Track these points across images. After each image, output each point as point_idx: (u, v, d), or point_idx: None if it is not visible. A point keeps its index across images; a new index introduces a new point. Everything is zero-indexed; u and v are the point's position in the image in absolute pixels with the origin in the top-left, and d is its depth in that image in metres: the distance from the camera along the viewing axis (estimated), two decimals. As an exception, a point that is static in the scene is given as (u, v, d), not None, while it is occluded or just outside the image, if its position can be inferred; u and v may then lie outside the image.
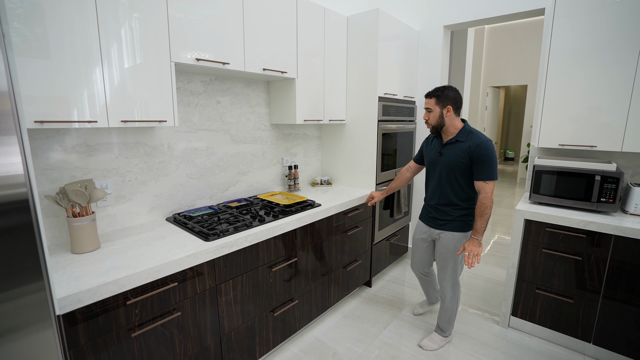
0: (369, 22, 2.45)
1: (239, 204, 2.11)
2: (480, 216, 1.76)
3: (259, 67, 1.94)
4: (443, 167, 1.87)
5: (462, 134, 1.82)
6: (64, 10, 1.19)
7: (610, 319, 1.93)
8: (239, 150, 2.26)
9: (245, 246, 1.65)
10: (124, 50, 1.36)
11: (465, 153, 1.77)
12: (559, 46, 2.10)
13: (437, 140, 1.94)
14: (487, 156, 1.72)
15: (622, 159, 2.23)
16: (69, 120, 1.24)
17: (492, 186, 1.74)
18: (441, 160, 1.87)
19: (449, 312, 2.05)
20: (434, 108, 1.82)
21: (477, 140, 1.75)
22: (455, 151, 1.81)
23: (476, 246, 1.78)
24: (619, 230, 1.83)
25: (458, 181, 1.84)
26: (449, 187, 1.87)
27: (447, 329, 2.10)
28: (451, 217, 1.91)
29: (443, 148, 1.88)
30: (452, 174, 1.84)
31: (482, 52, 7.47)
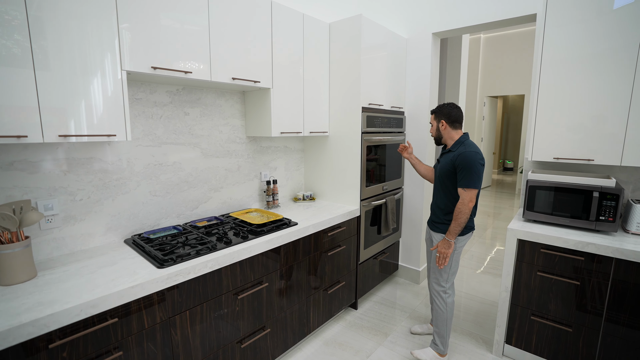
0: (351, 29, 2.33)
1: (208, 223, 1.96)
2: (455, 219, 1.86)
3: (228, 77, 1.81)
4: (438, 174, 2.03)
5: (455, 144, 1.96)
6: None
7: (613, 352, 1.75)
8: (211, 165, 2.12)
9: (204, 272, 1.49)
10: (60, 55, 1.23)
11: (452, 161, 1.91)
12: (551, 56, 1.98)
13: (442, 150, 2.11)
14: (466, 165, 1.82)
15: (621, 173, 2.07)
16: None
17: (470, 194, 1.82)
18: (438, 167, 2.05)
19: (438, 321, 2.03)
20: (433, 122, 2.05)
21: (463, 150, 1.87)
22: (447, 159, 1.96)
23: (446, 247, 1.91)
24: (620, 252, 1.66)
25: (448, 187, 1.96)
26: (441, 192, 2.01)
27: (441, 343, 2.03)
28: (442, 220, 2.01)
29: (441, 157, 2.05)
30: (443, 180, 1.98)
31: (478, 62, 7.38)
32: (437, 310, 2.03)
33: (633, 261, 1.64)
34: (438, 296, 2.02)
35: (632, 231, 1.84)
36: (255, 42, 1.93)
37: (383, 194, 2.70)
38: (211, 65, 1.72)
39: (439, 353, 2.03)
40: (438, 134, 2.02)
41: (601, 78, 1.85)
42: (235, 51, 1.83)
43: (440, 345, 2.03)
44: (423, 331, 2.32)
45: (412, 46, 2.83)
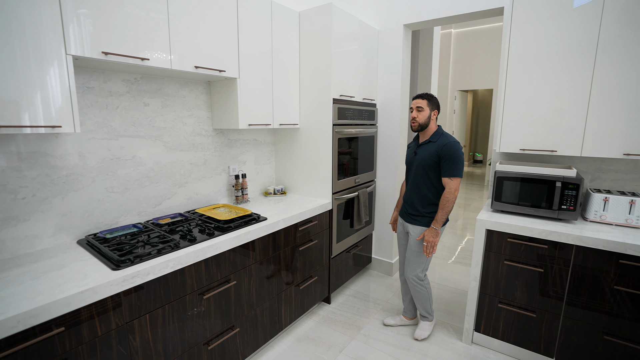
0: (322, 18, 2.27)
1: (171, 220, 1.85)
2: (442, 208, 1.93)
3: (190, 65, 1.70)
4: (417, 165, 2.03)
5: (435, 135, 2.00)
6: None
7: (573, 334, 1.83)
8: (175, 159, 2.01)
9: (166, 273, 1.40)
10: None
11: (435, 152, 1.94)
12: (517, 51, 2.02)
13: (414, 142, 2.14)
14: (453, 155, 1.89)
15: (581, 164, 2.15)
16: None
17: (456, 183, 1.90)
18: (416, 159, 2.05)
19: (421, 300, 2.18)
20: (426, 108, 1.98)
21: (446, 140, 1.94)
22: (428, 150, 1.98)
23: (433, 236, 1.97)
24: (579, 240, 1.72)
25: (430, 177, 1.99)
26: (422, 184, 2.02)
27: (428, 314, 2.23)
28: (421, 214, 2.04)
29: (418, 148, 2.05)
30: (424, 171, 2.00)
31: (449, 57, 7.52)
32: (420, 293, 2.16)
33: (591, 247, 1.71)
34: (418, 284, 2.13)
35: (591, 219, 1.92)
36: (220, 29, 1.83)
37: (355, 186, 2.68)
38: (171, 52, 1.61)
39: (429, 321, 2.24)
40: (427, 122, 2.00)
41: (563, 74, 1.90)
42: (198, 38, 1.72)
43: (428, 315, 2.23)
44: (396, 323, 2.33)
45: (383, 37, 2.81)
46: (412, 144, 2.15)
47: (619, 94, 1.78)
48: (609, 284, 1.70)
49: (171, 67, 1.61)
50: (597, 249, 1.69)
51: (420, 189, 2.03)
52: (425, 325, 2.23)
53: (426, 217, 2.03)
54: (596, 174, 2.12)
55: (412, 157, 2.08)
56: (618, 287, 1.68)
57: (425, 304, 2.18)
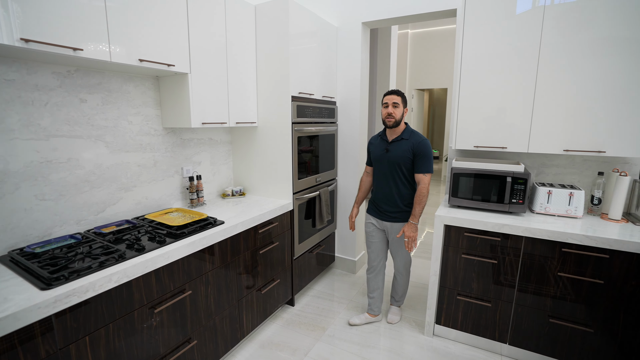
0: (278, 12, 2.19)
1: (117, 229, 1.68)
2: (418, 203, 2.01)
3: (133, 58, 1.55)
4: (390, 162, 2.06)
5: (406, 132, 2.06)
6: None
7: (523, 319, 1.94)
8: (119, 161, 1.83)
9: (109, 288, 1.26)
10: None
11: (410, 149, 2.01)
12: (469, 53, 2.09)
13: (382, 139, 2.14)
14: (426, 152, 1.99)
15: (528, 159, 2.29)
16: None
17: (429, 178, 2.02)
18: (388, 156, 2.07)
19: (403, 287, 2.36)
20: (401, 105, 2.02)
21: (419, 138, 2.02)
22: (402, 147, 2.03)
23: (413, 231, 2.04)
24: (528, 231, 1.82)
25: (405, 175, 2.05)
26: (398, 181, 2.07)
27: (402, 300, 2.41)
28: (399, 209, 2.10)
29: (390, 145, 2.08)
30: (398, 167, 2.05)
31: (406, 56, 7.74)
32: (404, 283, 2.34)
33: (538, 238, 1.81)
34: (405, 274, 2.30)
35: (537, 211, 2.04)
36: (168, 20, 1.69)
37: (316, 185, 2.64)
38: (111, 43, 1.45)
39: (399, 306, 2.44)
40: (401, 118, 2.04)
41: (511, 75, 2.00)
42: (143, 29, 1.57)
43: (402, 300, 2.41)
44: (361, 322, 2.33)
45: (342, 35, 2.79)
46: (378, 140, 2.15)
47: (558, 95, 1.91)
48: (553, 271, 1.82)
49: (111, 60, 1.45)
50: (543, 239, 1.80)
51: (398, 187, 2.07)
52: (397, 310, 2.41)
53: (404, 212, 2.10)
54: (540, 168, 2.26)
55: (383, 154, 2.09)
56: (561, 273, 1.80)
57: (406, 291, 2.39)
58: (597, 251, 1.70)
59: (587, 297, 1.77)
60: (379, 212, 2.17)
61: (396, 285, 2.37)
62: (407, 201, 2.09)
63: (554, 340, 1.87)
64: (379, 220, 2.19)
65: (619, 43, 1.75)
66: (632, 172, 2.04)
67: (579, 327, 1.80)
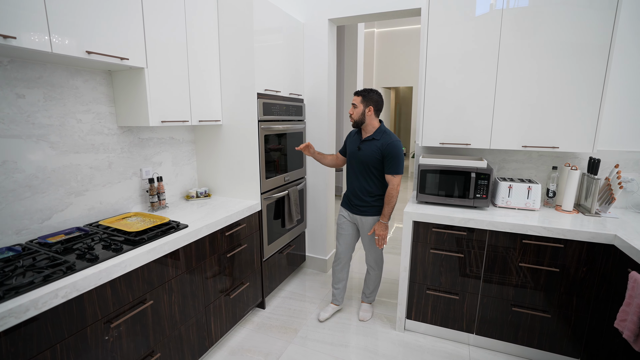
0: (242, 6, 2.10)
1: (66, 237, 1.54)
2: (387, 204, 2.06)
3: (80, 50, 1.40)
4: (361, 161, 2.09)
5: (377, 132, 2.06)
6: None
7: (488, 309, 2.01)
8: (68, 163, 1.67)
9: (55, 305, 1.14)
10: None
11: (379, 150, 2.02)
12: (434, 51, 2.13)
13: (358, 135, 2.16)
14: (395, 154, 2.00)
15: (490, 155, 2.38)
16: None
17: (399, 179, 2.04)
18: (359, 154, 2.10)
19: (375, 282, 2.37)
20: (359, 105, 2.03)
21: (389, 139, 2.02)
22: (371, 147, 2.05)
23: (383, 229, 2.09)
24: (491, 225, 1.89)
25: (373, 173, 2.08)
26: (367, 178, 2.10)
27: (373, 297, 2.43)
28: (369, 204, 2.13)
29: (362, 144, 2.10)
30: (368, 167, 2.08)
31: (373, 55, 7.84)
32: (378, 278, 2.36)
33: (500, 231, 1.89)
34: (377, 269, 2.32)
35: (499, 205, 2.12)
36: (120, 8, 1.55)
37: (285, 185, 2.58)
38: (51, 31, 1.30)
39: (370, 303, 2.45)
40: (362, 118, 2.04)
41: (474, 75, 2.06)
42: (90, 18, 1.43)
43: (372, 296, 2.43)
44: (329, 314, 2.38)
45: (309, 31, 2.74)
46: (356, 136, 2.17)
47: (516, 94, 1.99)
48: (514, 262, 1.90)
49: (52, 51, 1.31)
50: (505, 231, 1.87)
51: (368, 184, 2.11)
52: (368, 307, 2.43)
53: (374, 206, 2.13)
54: (501, 164, 2.36)
55: (356, 152, 2.12)
56: (522, 264, 1.88)
57: (376, 286, 2.39)
58: (553, 241, 1.80)
59: (545, 285, 1.86)
60: (351, 205, 2.21)
61: (368, 280, 2.38)
62: (376, 197, 2.12)
63: (516, 327, 1.96)
64: (350, 213, 2.23)
65: (565, 47, 1.86)
66: (582, 166, 2.18)
67: (538, 313, 1.89)
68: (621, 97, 2.07)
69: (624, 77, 2.04)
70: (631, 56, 2.01)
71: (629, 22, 1.98)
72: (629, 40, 2.00)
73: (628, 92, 2.05)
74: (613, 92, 2.05)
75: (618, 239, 1.63)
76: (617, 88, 2.06)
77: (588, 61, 1.83)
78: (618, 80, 2.05)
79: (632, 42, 2.00)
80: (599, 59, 1.81)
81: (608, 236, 1.68)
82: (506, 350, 2.04)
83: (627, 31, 1.99)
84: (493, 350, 2.07)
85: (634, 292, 1.41)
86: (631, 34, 1.99)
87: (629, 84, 2.04)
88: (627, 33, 1.99)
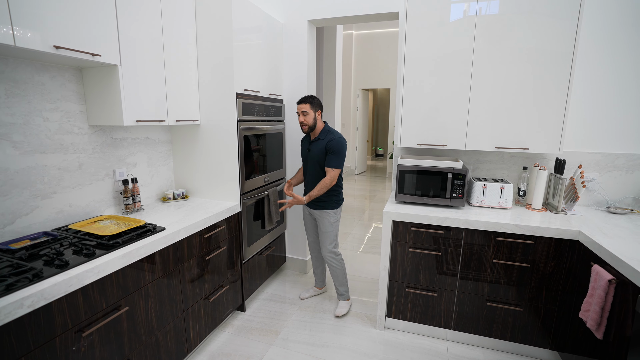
0: (221, 4, 2.06)
1: (32, 243, 1.45)
2: (318, 188, 2.18)
3: (47, 44, 1.33)
4: (312, 161, 2.26)
5: (323, 133, 2.24)
6: None
7: (465, 305, 2.08)
8: (33, 164, 1.58)
9: (21, 315, 1.07)
10: None
11: (324, 147, 2.19)
12: (411, 55, 2.17)
13: (307, 139, 2.34)
14: (336, 149, 2.16)
15: (465, 156, 2.46)
16: None
17: (336, 173, 2.19)
18: (310, 155, 2.27)
19: (338, 276, 2.42)
20: (310, 112, 2.18)
21: (332, 137, 2.20)
22: (319, 146, 2.22)
23: (297, 202, 2.22)
24: (467, 223, 1.95)
25: (323, 170, 2.23)
26: (318, 175, 2.26)
27: (345, 293, 2.47)
28: (324, 200, 2.29)
29: (311, 145, 2.27)
30: (318, 166, 2.24)
31: (351, 57, 7.93)
32: (336, 270, 2.41)
33: (476, 229, 1.95)
34: (334, 259, 2.38)
35: (474, 204, 2.20)
36: (91, 1, 1.48)
37: (265, 186, 2.56)
38: (14, 24, 1.22)
39: (346, 299, 2.49)
40: (314, 122, 2.20)
41: (449, 77, 2.12)
42: (59, 10, 1.36)
43: (345, 293, 2.48)
44: (310, 294, 2.65)
45: (288, 32, 2.74)
46: (306, 141, 2.35)
47: (489, 97, 2.07)
48: (489, 258, 1.97)
49: (15, 45, 1.23)
50: (480, 229, 1.94)
51: (318, 181, 2.26)
52: (343, 303, 2.47)
53: (328, 201, 2.30)
54: (476, 164, 2.45)
55: (307, 154, 2.30)
56: (496, 260, 1.96)
57: (342, 279, 2.44)
58: (524, 238, 1.88)
59: (517, 280, 1.95)
60: (310, 202, 2.36)
61: (332, 274, 2.45)
62: (329, 193, 2.28)
63: (491, 322, 2.04)
64: (310, 208, 2.41)
65: (532, 53, 1.95)
66: (549, 166, 2.30)
67: (511, 307, 1.98)
68: (584, 102, 2.20)
69: (586, 84, 2.17)
70: (591, 64, 2.14)
71: (589, 32, 2.11)
72: (589, 49, 2.13)
73: (590, 97, 2.18)
74: (576, 97, 2.18)
75: (582, 234, 1.73)
76: (580, 94, 2.19)
77: (553, 67, 1.94)
78: (581, 86, 2.17)
79: (592, 51, 2.13)
80: (563, 65, 1.92)
81: (573, 232, 1.78)
82: (482, 344, 2.12)
83: (588, 40, 2.12)
84: (470, 344, 2.14)
85: (595, 284, 1.50)
86: (591, 44, 2.12)
87: (591, 90, 2.17)
88: (588, 42, 2.12)
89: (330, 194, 2.29)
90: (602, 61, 2.13)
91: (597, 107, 2.19)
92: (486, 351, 2.08)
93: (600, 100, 2.18)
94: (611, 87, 2.14)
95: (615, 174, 2.20)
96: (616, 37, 2.08)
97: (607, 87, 2.15)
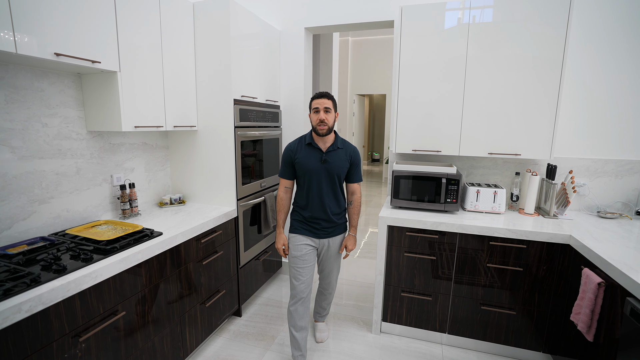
0: (219, 12, 2.10)
1: (29, 248, 1.45)
2: (358, 213, 1.99)
3: (48, 51, 1.35)
4: (328, 174, 1.83)
5: (339, 141, 1.88)
6: None
7: (459, 309, 2.10)
8: (32, 169, 1.59)
9: (18, 320, 1.08)
10: None
11: (347, 158, 1.88)
12: (406, 61, 2.22)
13: (311, 148, 1.84)
14: (359, 161, 1.94)
15: (459, 162, 2.50)
16: None
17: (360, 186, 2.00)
18: (327, 167, 1.82)
19: (330, 302, 2.24)
20: (332, 110, 1.79)
21: (352, 146, 1.93)
22: (340, 157, 1.85)
23: (354, 243, 1.98)
24: (461, 228, 1.98)
25: (339, 185, 1.90)
26: (336, 193, 1.90)
27: (327, 315, 2.31)
28: (335, 224, 1.93)
29: (327, 155, 1.83)
30: (336, 179, 1.85)
31: (347, 63, 8.00)
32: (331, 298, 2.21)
33: (470, 233, 1.98)
34: (334, 289, 2.17)
35: (468, 209, 2.24)
36: (91, 9, 1.51)
37: (261, 191, 2.58)
38: (16, 31, 1.24)
39: (324, 321, 2.33)
40: (334, 124, 1.82)
41: (443, 84, 2.17)
42: (60, 18, 1.38)
43: (327, 315, 2.32)
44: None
45: (285, 39, 2.78)
46: (306, 149, 1.84)
47: (482, 104, 2.12)
48: (483, 263, 2.00)
49: (16, 52, 1.25)
50: (474, 234, 1.97)
51: (337, 199, 1.89)
52: (324, 326, 2.29)
53: (340, 225, 1.95)
54: (470, 170, 2.49)
55: (319, 166, 1.81)
56: (489, 264, 1.99)
57: (330, 304, 2.26)
58: (517, 242, 1.92)
59: (510, 284, 1.98)
60: (316, 229, 1.89)
61: (324, 303, 2.20)
62: (342, 212, 1.95)
63: (485, 325, 2.06)
64: (316, 239, 1.91)
65: (524, 60, 2.01)
66: (541, 172, 2.34)
67: (505, 310, 2.00)
68: (573, 109, 2.25)
69: (576, 91, 2.23)
70: (580, 72, 2.20)
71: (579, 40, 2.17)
72: (579, 57, 2.19)
73: (580, 104, 2.24)
74: (566, 104, 2.23)
75: (573, 239, 1.77)
76: (570, 100, 2.24)
77: (544, 74, 1.99)
78: (571, 93, 2.23)
79: (582, 59, 2.19)
80: (553, 72, 1.97)
81: (564, 236, 1.82)
82: (477, 348, 2.14)
83: (578, 48, 2.18)
84: (464, 348, 2.16)
85: (586, 287, 1.53)
86: (581, 52, 2.18)
87: (582, 97, 2.23)
88: (577, 50, 2.18)
89: (345, 211, 1.99)
90: (592, 69, 2.19)
91: (587, 114, 2.24)
92: (481, 354, 2.10)
93: (590, 107, 2.23)
94: (601, 95, 2.20)
95: (605, 179, 2.25)
96: (606, 46, 2.15)
97: (597, 94, 2.20)
